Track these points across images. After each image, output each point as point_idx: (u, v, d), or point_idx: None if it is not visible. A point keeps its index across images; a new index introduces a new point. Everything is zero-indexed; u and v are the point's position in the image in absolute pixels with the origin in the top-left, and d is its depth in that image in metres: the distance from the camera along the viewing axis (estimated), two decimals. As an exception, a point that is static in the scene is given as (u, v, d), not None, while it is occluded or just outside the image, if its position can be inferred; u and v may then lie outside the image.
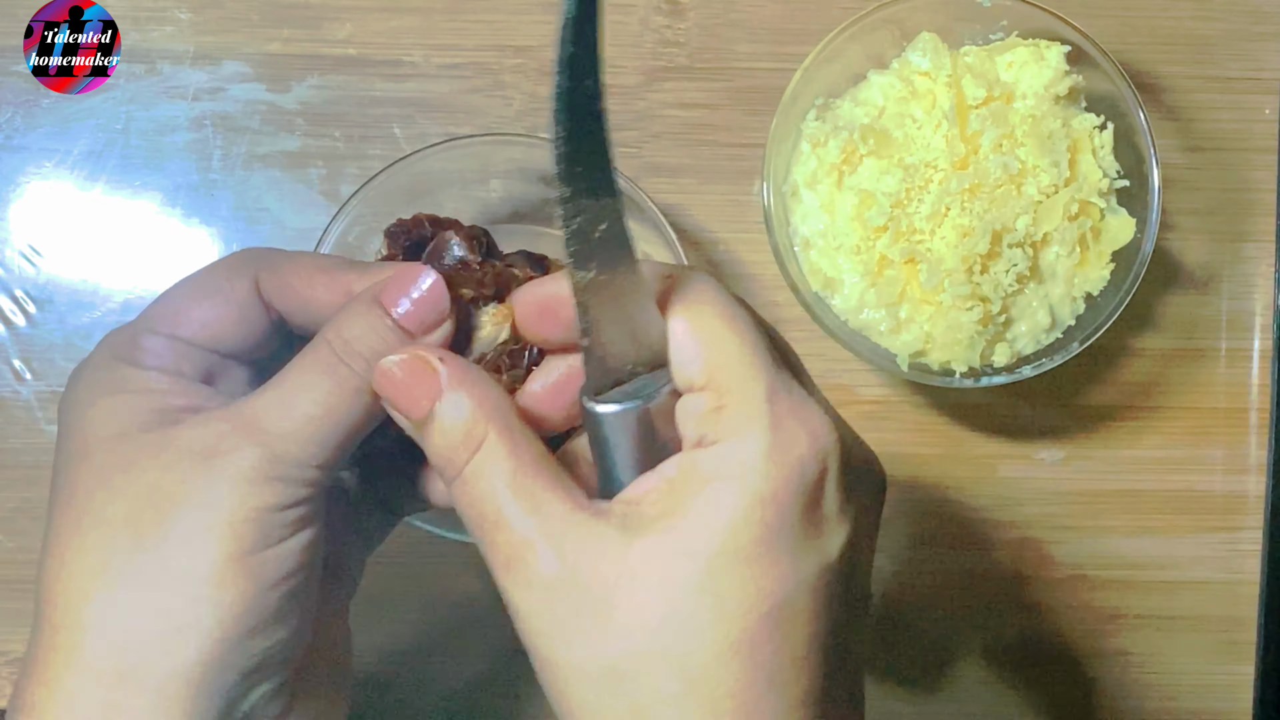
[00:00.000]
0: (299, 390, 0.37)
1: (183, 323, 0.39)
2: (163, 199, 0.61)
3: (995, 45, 0.57)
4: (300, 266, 0.40)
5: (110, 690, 0.36)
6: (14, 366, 0.61)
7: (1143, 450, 0.63)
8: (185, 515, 0.36)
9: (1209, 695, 0.63)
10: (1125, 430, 0.63)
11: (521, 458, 0.35)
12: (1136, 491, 0.63)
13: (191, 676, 0.36)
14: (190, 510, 0.36)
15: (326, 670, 0.41)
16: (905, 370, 0.56)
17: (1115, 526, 0.63)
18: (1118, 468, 0.63)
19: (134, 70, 0.61)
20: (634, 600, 0.33)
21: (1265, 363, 0.63)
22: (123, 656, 0.36)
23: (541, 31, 0.62)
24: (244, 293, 0.40)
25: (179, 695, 0.36)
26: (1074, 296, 0.56)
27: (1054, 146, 0.55)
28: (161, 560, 0.36)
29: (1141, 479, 0.63)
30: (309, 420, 0.37)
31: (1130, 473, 0.63)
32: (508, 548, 0.34)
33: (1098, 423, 0.63)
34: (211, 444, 0.36)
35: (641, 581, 0.33)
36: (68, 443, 0.38)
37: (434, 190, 0.58)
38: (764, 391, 0.34)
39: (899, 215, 0.55)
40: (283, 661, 0.38)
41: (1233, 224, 0.63)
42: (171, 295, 0.40)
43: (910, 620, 0.63)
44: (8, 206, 0.61)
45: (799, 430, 0.34)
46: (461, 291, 0.39)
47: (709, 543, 0.33)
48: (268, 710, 0.38)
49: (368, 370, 0.37)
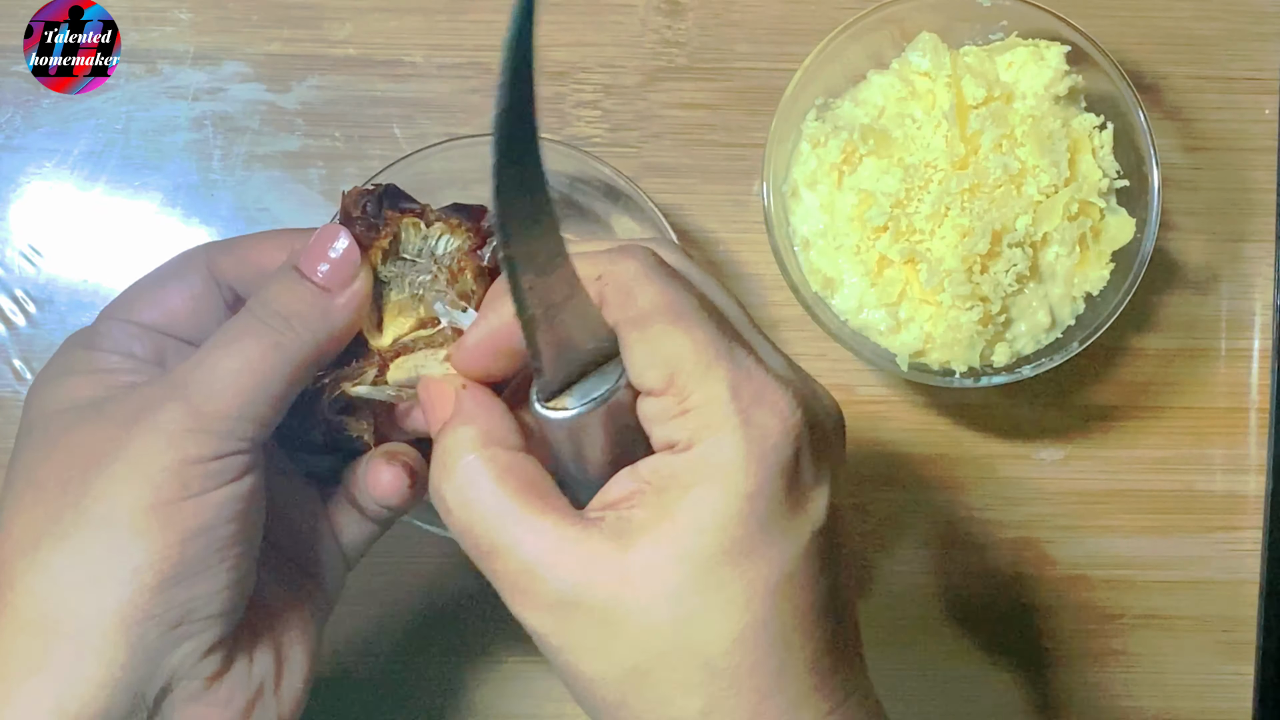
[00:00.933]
0: (220, 348, 0.39)
1: (137, 308, 0.42)
2: (163, 199, 0.61)
3: (995, 45, 0.57)
4: (252, 239, 0.44)
5: (35, 639, 0.37)
6: (14, 366, 0.61)
7: (1143, 450, 0.63)
8: (107, 470, 0.37)
9: (1209, 695, 0.63)
10: (1125, 430, 0.63)
11: (507, 483, 0.36)
12: (1136, 491, 0.63)
13: (110, 626, 0.37)
14: (112, 465, 0.37)
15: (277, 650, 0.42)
16: (905, 370, 0.56)
17: (1115, 526, 0.63)
18: (1118, 468, 0.63)
19: (134, 70, 0.61)
20: (641, 607, 0.34)
21: (1265, 363, 0.63)
22: (47, 607, 0.37)
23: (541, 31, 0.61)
24: (197, 276, 0.43)
25: (101, 645, 0.37)
26: (1074, 296, 0.56)
27: (1054, 146, 0.55)
28: (84, 513, 0.37)
29: (1141, 479, 0.63)
30: (230, 374, 0.39)
31: (1130, 473, 0.63)
32: (509, 576, 0.36)
33: (1098, 423, 0.63)
34: (138, 404, 0.38)
35: (645, 589, 0.34)
36: (23, 423, 0.40)
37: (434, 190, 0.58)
38: (726, 390, 0.35)
39: (899, 215, 0.55)
40: (209, 617, 0.39)
41: (1232, 224, 0.63)
42: (131, 287, 0.43)
43: (910, 620, 0.63)
44: (8, 206, 0.61)
45: (769, 419, 0.35)
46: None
47: (703, 545, 0.34)
48: (198, 669, 0.39)
49: (287, 329, 0.40)
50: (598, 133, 0.62)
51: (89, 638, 0.37)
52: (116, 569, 0.37)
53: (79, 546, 0.37)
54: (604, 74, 0.62)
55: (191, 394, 0.38)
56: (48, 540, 0.37)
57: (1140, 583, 0.63)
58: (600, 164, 0.55)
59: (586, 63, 0.62)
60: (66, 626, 0.37)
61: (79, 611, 0.37)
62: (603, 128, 0.62)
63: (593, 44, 0.62)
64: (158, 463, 0.37)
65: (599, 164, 0.55)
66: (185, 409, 0.38)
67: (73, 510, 0.37)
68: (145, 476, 0.37)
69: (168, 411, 0.38)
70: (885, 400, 0.63)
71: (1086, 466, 0.63)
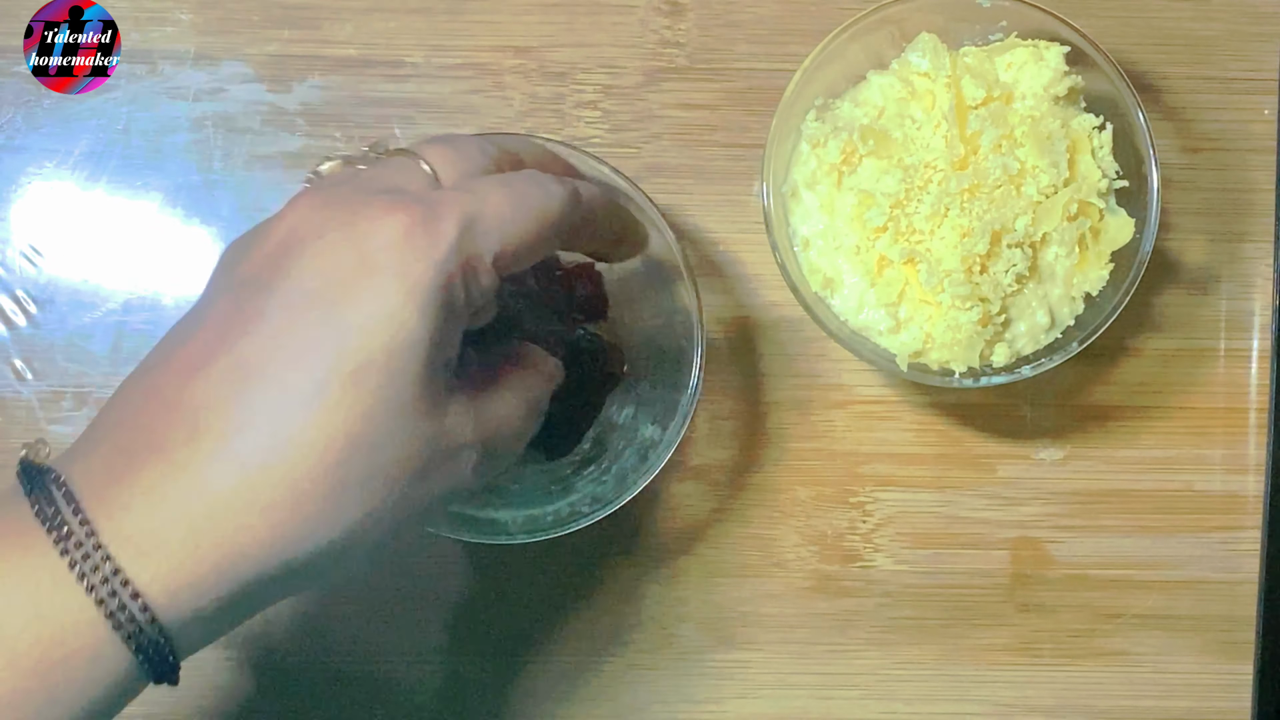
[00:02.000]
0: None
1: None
2: (163, 199, 0.61)
3: (994, 46, 0.57)
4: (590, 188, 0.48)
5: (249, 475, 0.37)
6: (14, 366, 0.61)
7: (1143, 450, 0.63)
8: (379, 277, 0.39)
9: (1209, 695, 0.63)
10: (1125, 430, 0.63)
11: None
12: (1136, 491, 0.63)
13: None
14: (384, 277, 0.39)
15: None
16: (905, 370, 0.56)
17: (1115, 526, 0.63)
18: (1117, 467, 0.63)
19: (134, 71, 0.61)
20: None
21: (1264, 363, 0.63)
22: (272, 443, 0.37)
23: (542, 31, 0.62)
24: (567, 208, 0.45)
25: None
26: (1073, 296, 0.56)
27: (1053, 147, 0.55)
28: (350, 305, 0.39)
29: (1141, 479, 0.63)
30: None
31: (1130, 472, 0.63)
32: None
33: (1098, 423, 0.63)
34: (418, 223, 0.40)
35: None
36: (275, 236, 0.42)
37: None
38: None
39: (898, 215, 0.55)
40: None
41: (1232, 224, 0.63)
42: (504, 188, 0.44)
43: (909, 620, 0.63)
44: (8, 206, 0.61)
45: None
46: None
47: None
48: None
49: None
50: (598, 133, 0.62)
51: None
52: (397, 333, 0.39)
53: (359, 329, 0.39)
54: (604, 74, 0.62)
55: (470, 218, 0.40)
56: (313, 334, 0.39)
57: (1140, 583, 0.63)
58: (600, 164, 0.55)
59: (586, 63, 0.62)
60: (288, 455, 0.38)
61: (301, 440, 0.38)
62: (603, 128, 0.62)
63: (593, 44, 0.62)
64: (424, 279, 0.39)
65: (599, 164, 0.55)
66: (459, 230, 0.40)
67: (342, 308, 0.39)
68: (415, 286, 0.39)
69: (444, 230, 0.40)
70: (885, 400, 0.63)
71: (1086, 466, 0.63)
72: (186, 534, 0.37)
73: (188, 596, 0.37)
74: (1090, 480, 0.63)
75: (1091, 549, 0.63)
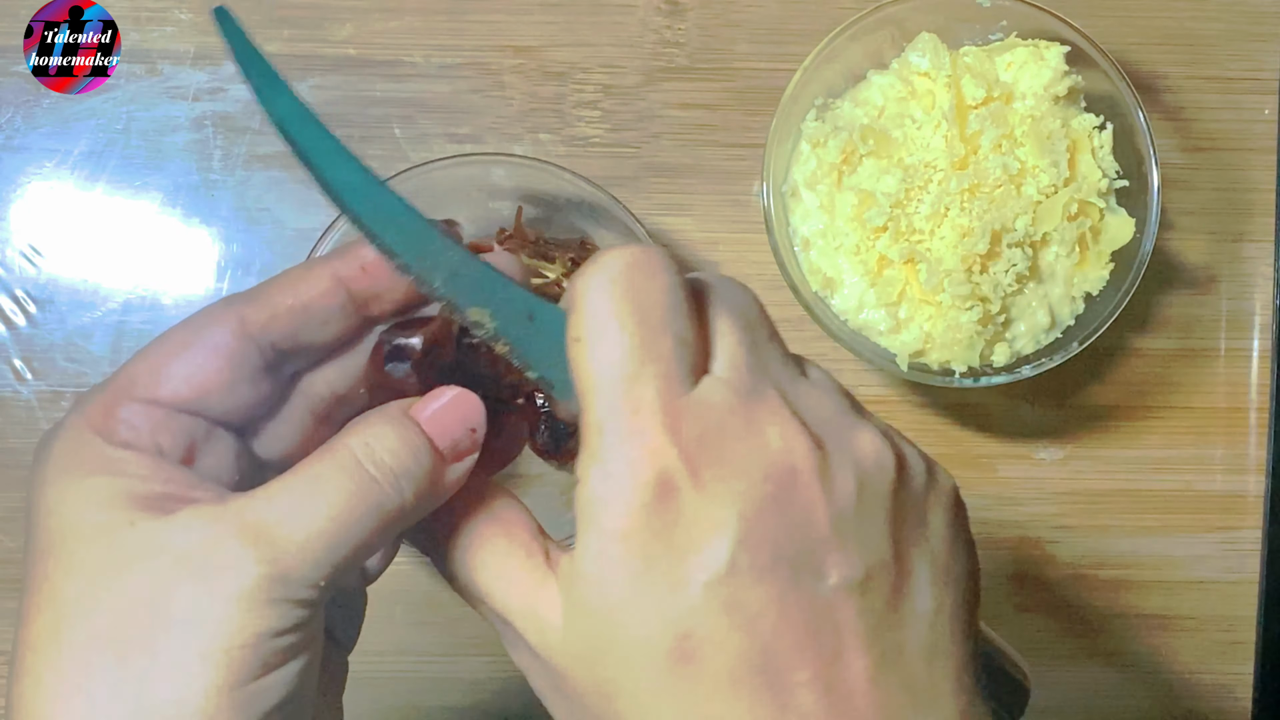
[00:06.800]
0: (310, 496, 0.33)
1: (163, 382, 0.35)
2: (163, 199, 0.61)
3: (995, 45, 0.57)
4: (284, 280, 0.37)
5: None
6: (14, 366, 0.61)
7: (1143, 450, 0.63)
8: (177, 638, 0.32)
9: (1209, 695, 0.63)
10: (1125, 430, 0.63)
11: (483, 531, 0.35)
12: (1136, 491, 0.63)
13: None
14: (183, 632, 0.32)
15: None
16: (905, 370, 0.56)
17: (1115, 526, 0.63)
18: (1118, 467, 0.63)
19: (134, 70, 0.61)
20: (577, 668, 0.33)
21: (1265, 363, 0.63)
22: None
23: (541, 32, 0.62)
24: (225, 335, 0.36)
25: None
26: (1073, 296, 0.56)
27: (1053, 147, 0.55)
28: (148, 687, 0.32)
29: (1141, 479, 0.63)
30: (321, 534, 0.33)
31: (1130, 472, 0.63)
32: (494, 618, 0.35)
33: (1098, 423, 0.63)
34: (209, 552, 0.32)
35: (562, 652, 0.33)
36: (41, 530, 0.34)
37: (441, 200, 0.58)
38: (604, 411, 0.32)
39: (898, 215, 0.55)
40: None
41: (1232, 224, 0.63)
42: (149, 352, 0.36)
43: (910, 620, 0.63)
44: (8, 206, 0.61)
45: (632, 446, 0.32)
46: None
47: (584, 598, 0.32)
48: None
49: (393, 487, 0.34)
50: (598, 133, 0.62)
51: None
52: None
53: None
54: (604, 74, 0.62)
55: (278, 554, 0.32)
56: (105, 717, 0.32)
57: (1140, 583, 0.63)
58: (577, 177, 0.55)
59: (586, 63, 0.62)
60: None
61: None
62: (603, 128, 0.62)
63: (593, 44, 0.62)
64: (236, 638, 0.32)
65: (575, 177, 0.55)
66: (269, 573, 0.32)
67: (136, 685, 0.32)
68: (224, 652, 0.32)
69: (249, 573, 0.32)
70: (885, 400, 0.63)
71: (1086, 466, 0.63)
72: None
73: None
74: (1090, 480, 0.63)
75: (1091, 549, 0.63)
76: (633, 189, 0.61)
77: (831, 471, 0.33)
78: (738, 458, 0.32)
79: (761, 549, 0.31)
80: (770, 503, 0.32)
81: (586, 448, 0.32)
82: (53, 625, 0.33)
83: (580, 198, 0.57)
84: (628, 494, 0.31)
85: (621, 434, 0.32)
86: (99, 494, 0.33)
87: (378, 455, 0.34)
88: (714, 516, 0.31)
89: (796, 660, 0.32)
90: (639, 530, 0.31)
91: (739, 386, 0.32)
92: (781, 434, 0.32)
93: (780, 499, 0.32)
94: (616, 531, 0.31)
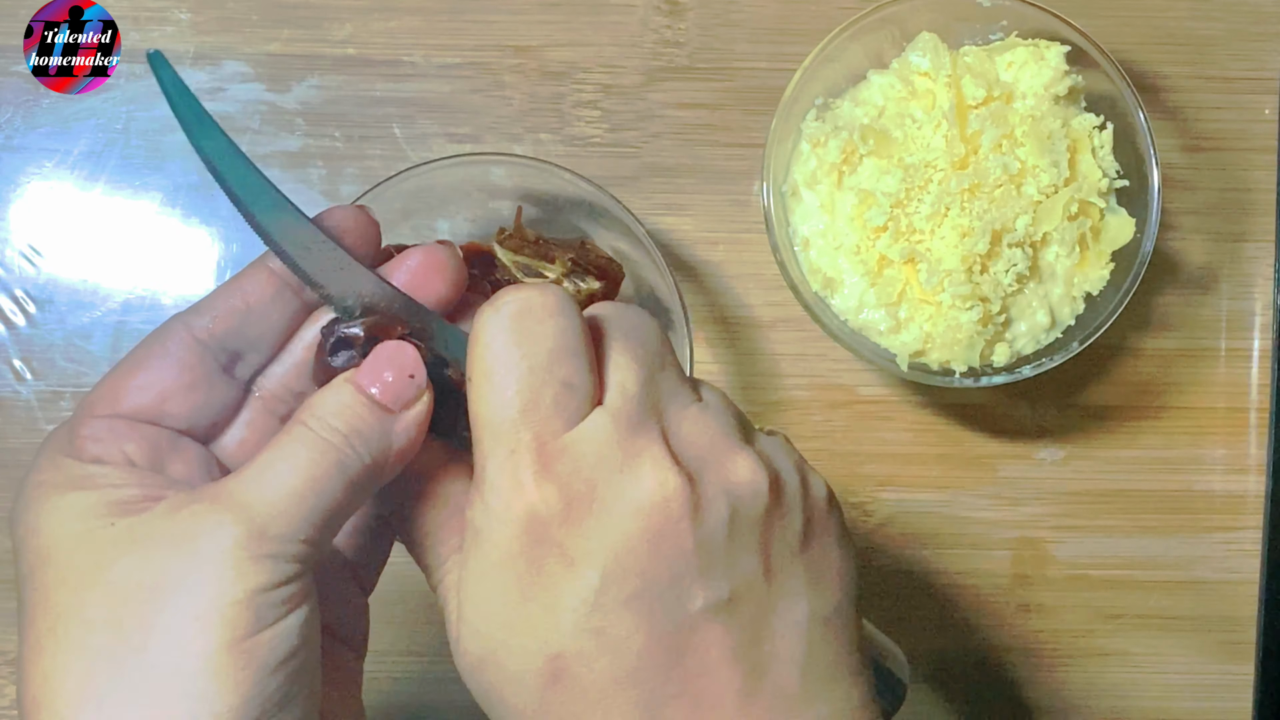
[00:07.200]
0: (277, 462, 0.35)
1: (121, 397, 0.37)
2: (163, 199, 0.61)
3: (995, 45, 0.57)
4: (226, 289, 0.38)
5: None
6: (14, 366, 0.61)
7: (1143, 450, 0.63)
8: (170, 606, 0.33)
9: (1209, 695, 0.63)
10: (1125, 430, 0.63)
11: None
12: (1136, 491, 0.63)
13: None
14: (174, 600, 0.33)
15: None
16: (905, 370, 0.56)
17: (1115, 526, 0.63)
18: (1118, 467, 0.63)
19: (134, 70, 0.61)
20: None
21: (1265, 363, 0.63)
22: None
23: (541, 32, 0.62)
24: (179, 345, 0.37)
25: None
26: (1074, 296, 0.56)
27: (1054, 146, 0.55)
28: (150, 661, 0.33)
29: (1141, 479, 0.63)
30: (292, 492, 0.34)
31: (1130, 472, 0.63)
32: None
33: (1098, 423, 0.63)
34: (187, 525, 0.34)
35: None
36: (26, 553, 0.35)
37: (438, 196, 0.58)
38: (490, 442, 0.35)
39: (899, 215, 0.55)
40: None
41: (1233, 224, 0.63)
42: (105, 377, 0.37)
43: (909, 620, 0.63)
44: (8, 206, 0.61)
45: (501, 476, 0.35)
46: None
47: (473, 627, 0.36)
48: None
49: (346, 445, 0.35)
50: (598, 133, 0.62)
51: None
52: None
53: (152, 699, 0.33)
54: (604, 74, 0.62)
55: (254, 513, 0.34)
56: (113, 695, 0.33)
57: (1140, 583, 0.63)
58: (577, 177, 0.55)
59: (586, 63, 0.62)
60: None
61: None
62: (603, 128, 0.62)
63: (593, 44, 0.62)
64: (228, 595, 0.33)
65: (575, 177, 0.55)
66: (249, 531, 0.33)
67: (137, 657, 0.33)
68: (218, 611, 0.33)
69: (228, 534, 0.33)
70: (885, 400, 0.63)
71: (1086, 466, 0.63)
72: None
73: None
74: (1090, 480, 0.63)
75: (1092, 549, 0.63)
76: (633, 189, 0.61)
77: (702, 504, 0.35)
78: (610, 493, 0.34)
79: (628, 578, 0.34)
80: (639, 536, 0.34)
81: (474, 479, 0.35)
82: (50, 627, 0.34)
83: (580, 198, 0.57)
84: (502, 527, 0.34)
85: (498, 473, 0.34)
86: (76, 508, 0.35)
87: (326, 421, 0.36)
88: (583, 549, 0.34)
89: (663, 678, 0.34)
90: (513, 560, 0.34)
91: (623, 420, 0.35)
92: (654, 469, 0.34)
93: (650, 531, 0.34)
94: (493, 560, 0.34)
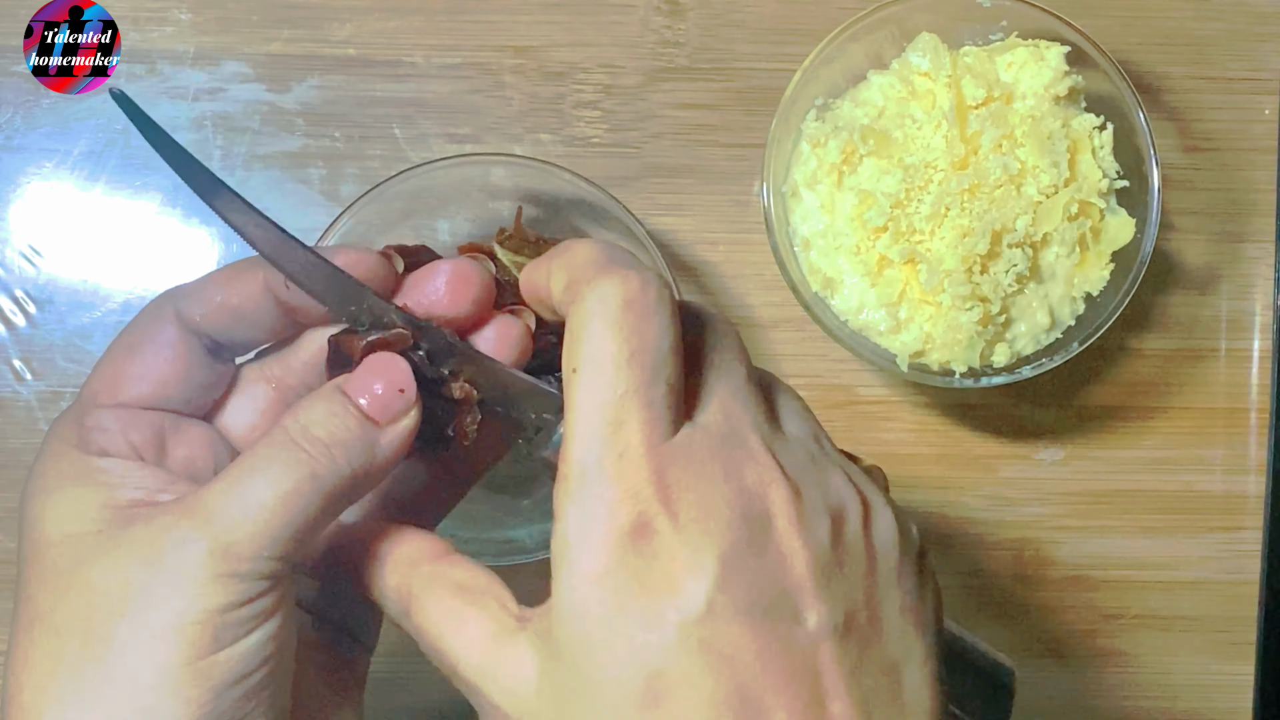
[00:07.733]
0: (250, 475, 0.34)
1: (123, 385, 0.37)
2: (163, 199, 0.61)
3: (995, 45, 0.57)
4: (217, 278, 0.39)
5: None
6: (14, 366, 0.61)
7: (1143, 450, 0.63)
8: (132, 619, 0.33)
9: (1209, 695, 0.63)
10: (1125, 430, 0.63)
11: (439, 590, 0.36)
12: (1136, 491, 0.63)
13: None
14: (137, 613, 0.33)
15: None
16: (905, 370, 0.56)
17: (1115, 526, 0.63)
18: (1118, 468, 0.63)
19: (134, 70, 0.61)
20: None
21: (1265, 363, 0.63)
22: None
23: (542, 32, 0.62)
24: (170, 330, 0.38)
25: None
26: (1074, 296, 0.56)
27: (1054, 147, 0.55)
28: (109, 669, 0.33)
29: (1141, 479, 0.63)
30: (261, 508, 0.34)
31: (1130, 473, 0.63)
32: (467, 691, 0.35)
33: (1098, 423, 0.63)
34: (157, 538, 0.34)
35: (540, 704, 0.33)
36: (25, 543, 0.36)
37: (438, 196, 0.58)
38: (580, 453, 0.33)
39: (899, 215, 0.55)
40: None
41: (1233, 224, 0.63)
42: (103, 362, 0.38)
43: (910, 620, 0.63)
44: (8, 206, 0.61)
45: (607, 487, 0.32)
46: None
47: (562, 640, 0.32)
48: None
49: (327, 457, 0.35)
50: (597, 133, 0.62)
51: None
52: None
53: (107, 712, 0.33)
54: (604, 74, 0.62)
55: (218, 530, 0.34)
56: (73, 702, 0.34)
57: (1140, 583, 0.63)
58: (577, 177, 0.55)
59: (586, 63, 0.62)
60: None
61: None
62: (603, 128, 0.62)
63: (593, 44, 0.62)
64: (188, 614, 0.33)
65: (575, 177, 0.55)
66: (213, 549, 0.33)
67: (96, 667, 0.33)
68: (174, 630, 0.33)
69: (193, 551, 0.33)
70: (885, 400, 0.63)
71: (1086, 466, 0.63)
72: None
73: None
74: (1090, 481, 0.63)
75: (1091, 549, 0.63)
76: (633, 189, 0.61)
77: (808, 516, 0.33)
78: (717, 501, 0.32)
79: (738, 590, 0.31)
80: (748, 545, 0.32)
81: (564, 485, 0.33)
82: (27, 624, 0.35)
83: (580, 198, 0.57)
84: (605, 535, 0.32)
85: (604, 478, 0.32)
86: (73, 505, 0.35)
87: (309, 429, 0.35)
88: (691, 558, 0.31)
89: (773, 702, 0.32)
90: (615, 570, 0.32)
91: (722, 431, 0.33)
92: (759, 478, 0.33)
93: (758, 542, 0.32)
94: (592, 572, 0.32)
